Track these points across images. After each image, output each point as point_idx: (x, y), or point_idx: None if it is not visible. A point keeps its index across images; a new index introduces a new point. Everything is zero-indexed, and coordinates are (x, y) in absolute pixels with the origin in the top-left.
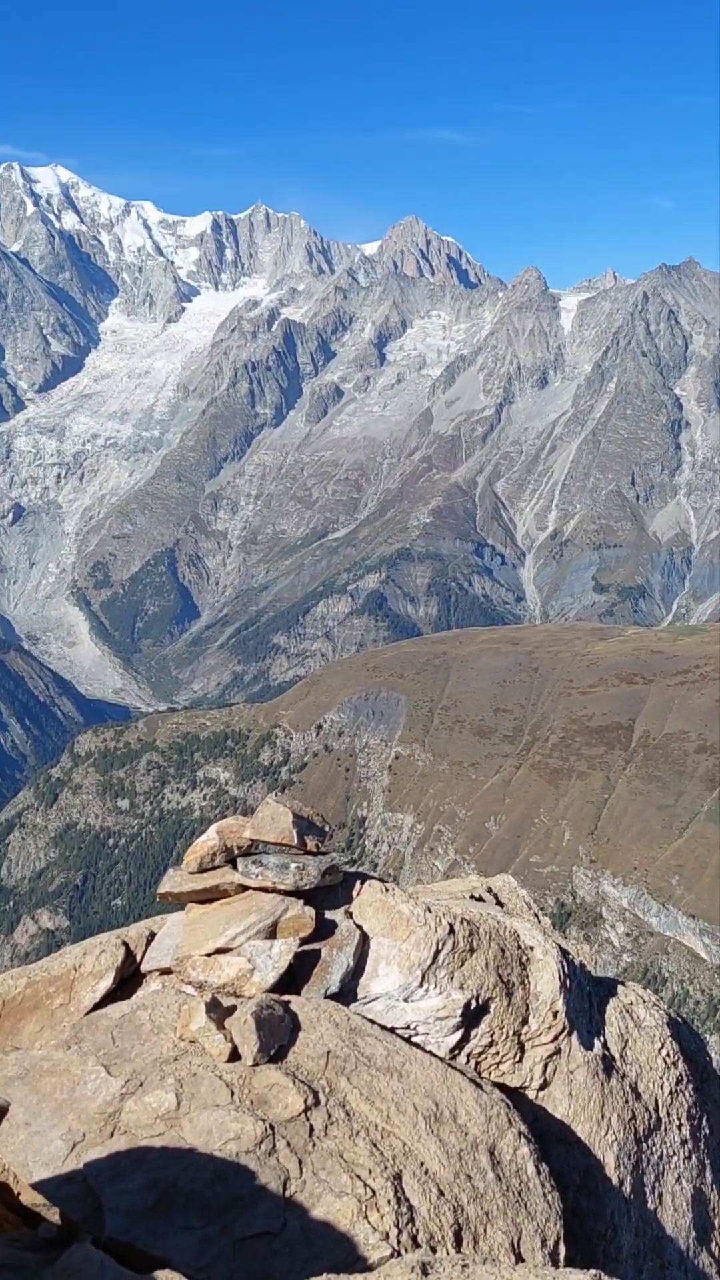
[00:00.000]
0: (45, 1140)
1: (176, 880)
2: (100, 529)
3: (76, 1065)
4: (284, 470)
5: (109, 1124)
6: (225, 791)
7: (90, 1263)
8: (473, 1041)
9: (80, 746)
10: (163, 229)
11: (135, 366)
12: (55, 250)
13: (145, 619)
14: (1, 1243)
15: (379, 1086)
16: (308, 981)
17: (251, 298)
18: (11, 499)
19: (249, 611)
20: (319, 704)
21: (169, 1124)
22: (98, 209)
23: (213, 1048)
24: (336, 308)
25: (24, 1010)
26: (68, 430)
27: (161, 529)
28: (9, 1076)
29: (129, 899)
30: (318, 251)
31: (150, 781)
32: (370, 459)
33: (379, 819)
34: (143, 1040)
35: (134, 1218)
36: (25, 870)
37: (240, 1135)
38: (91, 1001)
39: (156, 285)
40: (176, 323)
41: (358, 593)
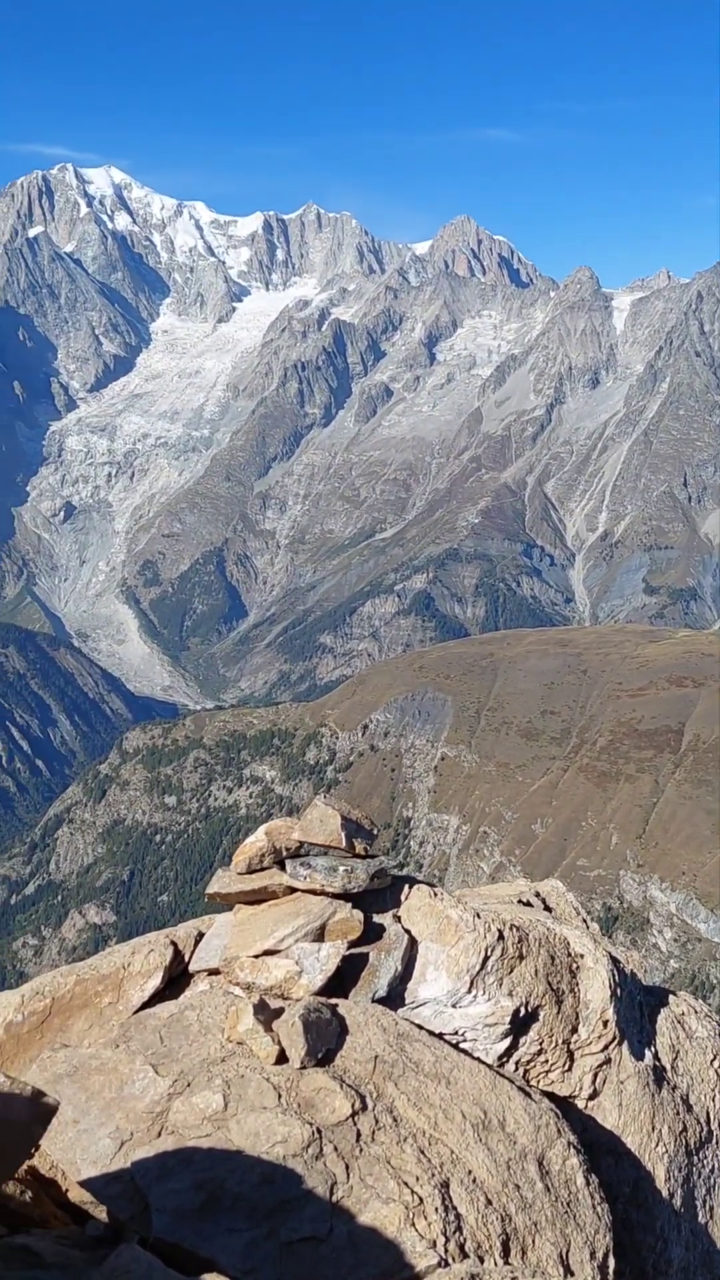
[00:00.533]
0: (93, 1138)
1: (225, 881)
2: (150, 528)
3: (125, 1064)
4: (332, 470)
5: (156, 1123)
6: (271, 790)
7: (138, 1263)
8: (521, 1049)
9: (129, 743)
10: (214, 229)
11: (186, 366)
12: (108, 251)
13: (193, 617)
14: (49, 1240)
15: (426, 1092)
16: (355, 985)
17: (302, 297)
18: (63, 497)
19: (296, 611)
20: (365, 704)
21: (216, 1125)
22: (150, 209)
23: (260, 1050)
24: (387, 307)
25: (73, 1008)
26: (119, 429)
27: (210, 528)
28: (58, 1074)
29: (175, 895)
30: (369, 251)
31: (197, 779)
32: (419, 459)
33: (424, 820)
34: (190, 1041)
35: (181, 1218)
36: (73, 865)
37: (287, 1138)
38: (140, 1001)
39: (208, 285)
40: (227, 323)
41: (405, 593)
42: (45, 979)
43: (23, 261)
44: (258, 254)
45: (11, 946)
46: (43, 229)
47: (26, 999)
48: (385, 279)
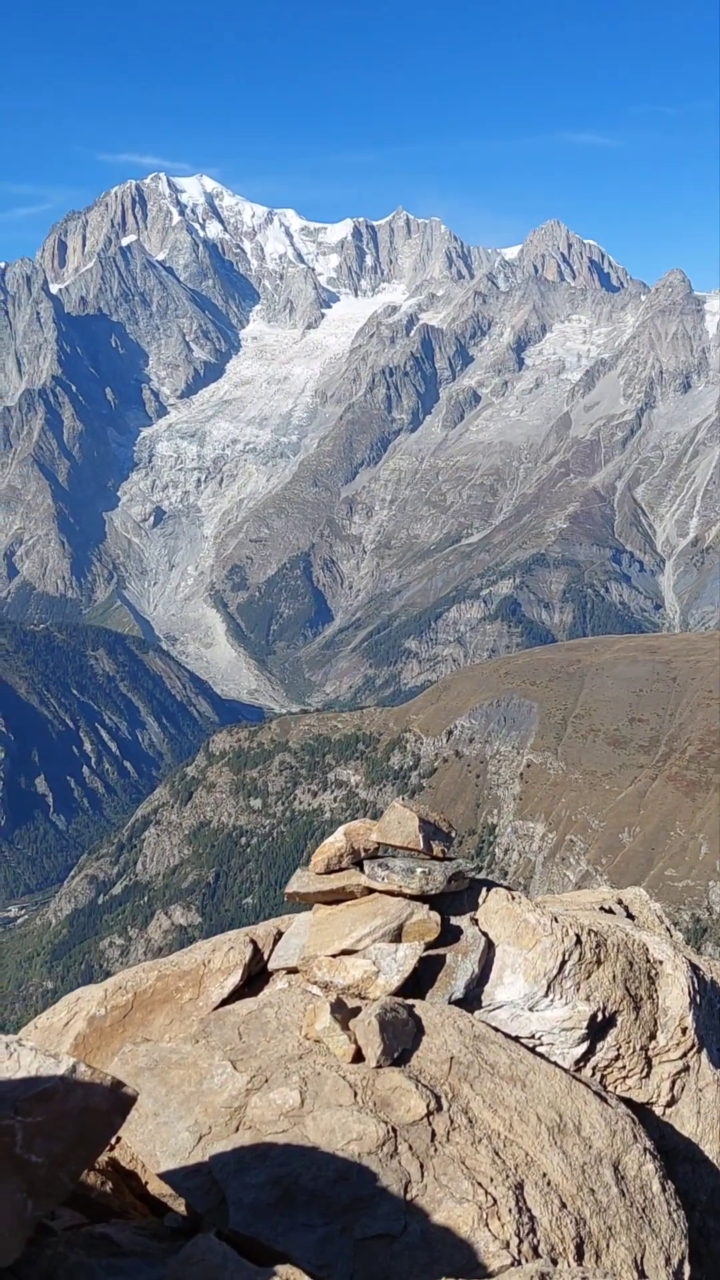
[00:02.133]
0: (172, 1131)
1: (304, 881)
2: (238, 533)
3: (204, 1059)
4: (419, 475)
5: (234, 1118)
6: (355, 794)
7: (213, 1253)
8: (598, 1054)
9: (215, 746)
10: (304, 236)
11: (274, 372)
12: (199, 259)
13: (280, 621)
14: (129, 1230)
15: (502, 1095)
16: (432, 986)
17: (390, 303)
18: (153, 502)
19: (381, 615)
20: (450, 709)
21: (292, 1121)
22: (241, 217)
23: (337, 1048)
24: (475, 313)
25: (155, 1003)
26: (208, 435)
27: (297, 533)
28: (139, 1067)
29: (259, 897)
30: (457, 256)
31: (282, 782)
32: (506, 464)
33: (509, 827)
34: (268, 1037)
35: (257, 1212)
36: (160, 866)
37: (362, 1136)
38: (219, 997)
39: (297, 292)
40: (316, 329)
41: (491, 598)
42: (128, 974)
43: (116, 270)
44: (347, 260)
45: (99, 946)
46: (136, 238)
47: (110, 993)
48: (474, 284)
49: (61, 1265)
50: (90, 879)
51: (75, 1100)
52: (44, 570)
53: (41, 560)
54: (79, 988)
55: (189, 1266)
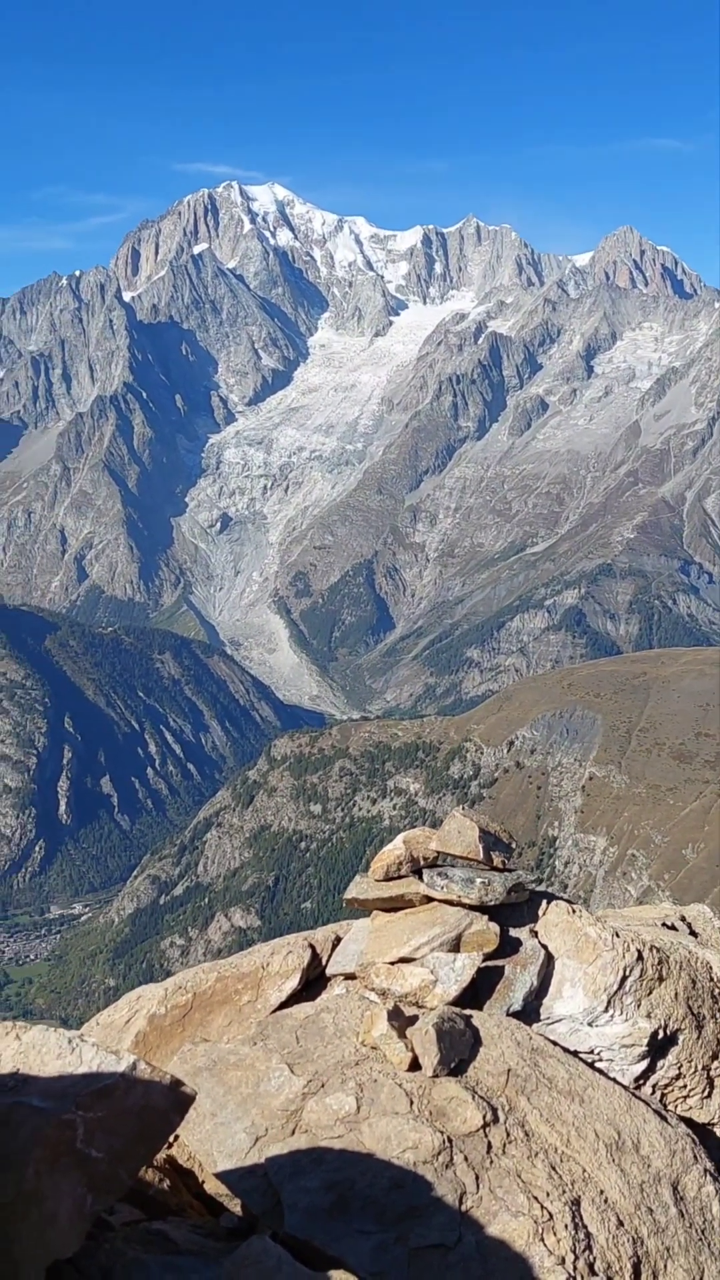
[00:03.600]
0: (230, 1132)
1: (363, 887)
2: (302, 539)
3: (261, 1061)
4: (484, 483)
5: (290, 1122)
6: (415, 802)
7: (268, 1255)
8: (659, 1072)
9: (276, 750)
10: (373, 244)
11: (341, 380)
12: (269, 266)
13: (342, 628)
14: (185, 1228)
15: (560, 1109)
16: (490, 997)
17: (459, 311)
18: (220, 509)
19: (443, 624)
20: (512, 720)
21: (348, 1127)
22: (311, 225)
23: (393, 1056)
24: (545, 320)
25: (213, 1004)
26: (275, 442)
27: (361, 540)
28: (198, 1066)
29: (318, 903)
30: (527, 264)
31: (342, 788)
32: (573, 472)
33: (570, 840)
34: (325, 1042)
35: (312, 1216)
36: (220, 869)
37: (418, 1145)
38: (277, 1000)
39: (365, 299)
40: (383, 336)
41: (555, 608)
42: (188, 974)
43: (187, 278)
44: (416, 268)
45: (160, 945)
46: (207, 246)
47: (170, 993)
48: (544, 291)
49: (119, 1260)
50: (152, 879)
51: (135, 1097)
52: (113, 574)
53: (111, 564)
54: (140, 986)
55: (243, 1268)
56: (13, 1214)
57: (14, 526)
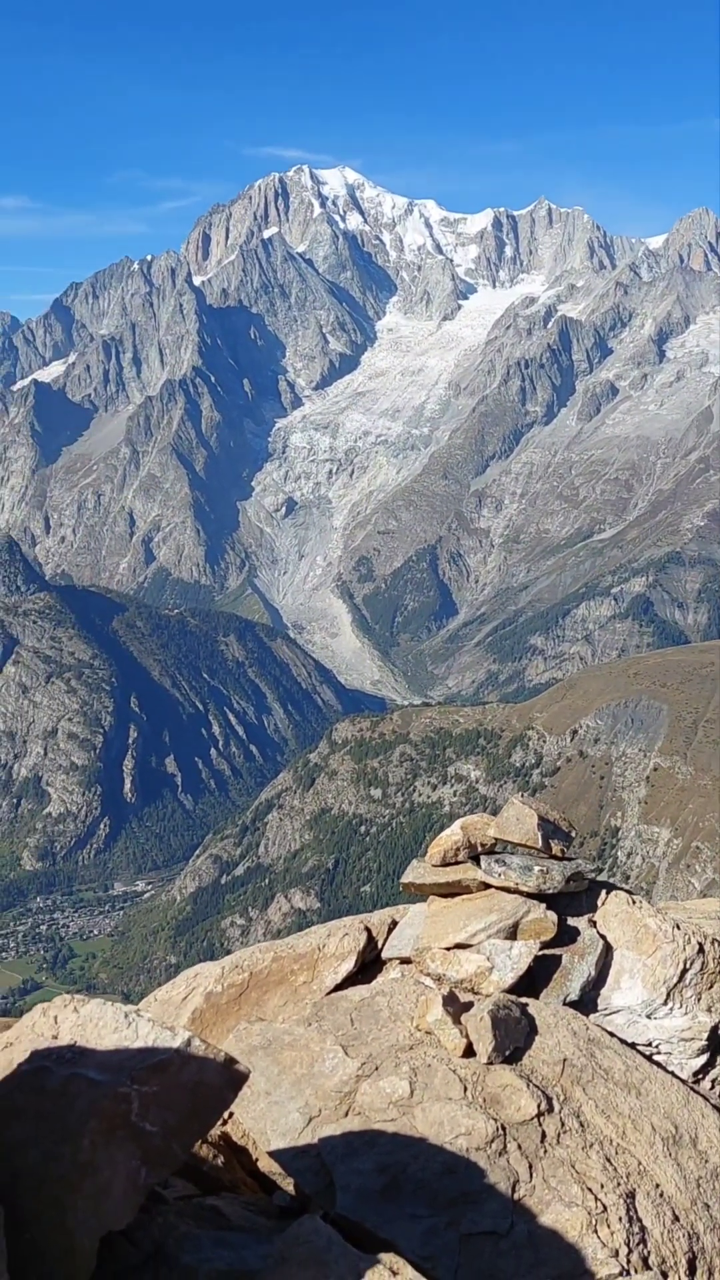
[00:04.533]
0: (283, 1111)
1: (420, 872)
2: (366, 524)
3: (316, 1042)
4: (551, 469)
5: (344, 1103)
6: (475, 789)
7: (319, 1235)
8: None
9: (338, 734)
10: (444, 227)
11: (409, 364)
12: (338, 250)
13: (404, 614)
14: (238, 1205)
15: (616, 1101)
16: (546, 986)
17: (529, 294)
18: (285, 493)
19: (507, 611)
20: (575, 708)
21: (401, 1111)
22: (381, 209)
23: (448, 1041)
24: (616, 304)
25: (270, 984)
26: (341, 427)
27: (425, 526)
28: (253, 1045)
29: (377, 886)
30: (599, 246)
31: (402, 773)
32: (643, 459)
33: (633, 830)
34: (380, 1026)
35: (364, 1198)
36: (281, 850)
37: (471, 1131)
38: (333, 982)
39: (434, 283)
40: (452, 320)
41: (622, 596)
42: (244, 954)
43: (257, 262)
44: (486, 251)
45: (220, 924)
46: (277, 230)
47: (226, 971)
48: (615, 274)
49: (171, 1234)
50: (214, 859)
51: (189, 1073)
52: (180, 557)
53: (178, 547)
54: (198, 964)
55: (294, 1247)
56: (68, 1184)
57: (84, 509)
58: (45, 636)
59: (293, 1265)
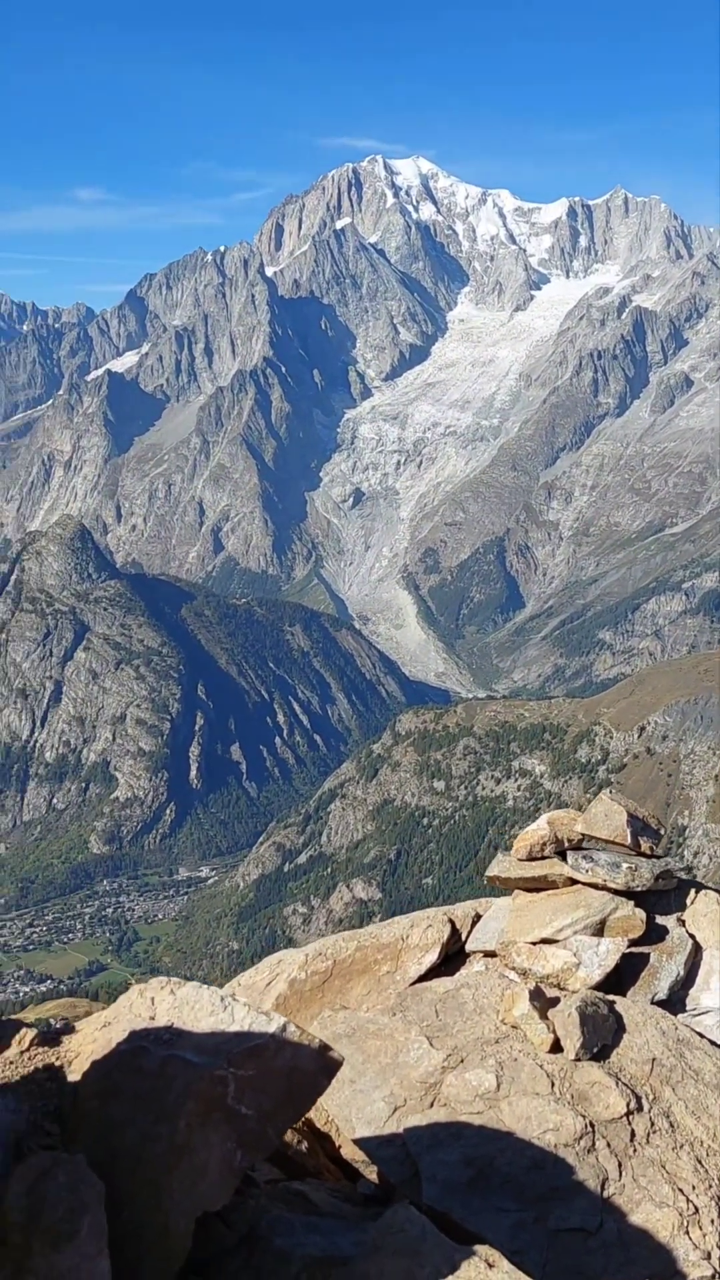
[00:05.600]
0: (368, 1100)
1: (505, 865)
2: (433, 516)
3: (400, 1033)
4: (623, 461)
5: (429, 1094)
6: (540, 784)
7: (412, 1224)
8: None
9: (401, 726)
10: (517, 217)
11: (479, 355)
12: (410, 241)
13: (470, 606)
14: (324, 1191)
15: (706, 1103)
16: (633, 984)
17: (603, 285)
18: (353, 484)
19: (575, 604)
20: (643, 704)
21: (488, 1104)
22: (454, 199)
23: (535, 1036)
24: (693, 294)
25: (353, 972)
26: (410, 418)
27: (493, 517)
28: (337, 1033)
29: (439, 879)
30: (676, 236)
31: (466, 766)
32: (717, 451)
33: (700, 829)
34: (465, 1018)
35: (450, 1190)
36: (343, 840)
37: (559, 1127)
38: (416, 973)
39: (507, 274)
40: (524, 311)
41: (694, 591)
42: (328, 941)
43: (329, 252)
44: (559, 241)
45: (283, 912)
46: (350, 220)
47: (310, 958)
48: (693, 264)
49: (264, 1216)
50: (277, 846)
51: (284, 1059)
52: (248, 547)
53: (246, 537)
54: (279, 951)
55: (388, 1235)
56: (165, 1165)
57: (154, 498)
58: (115, 624)
59: (387, 1254)
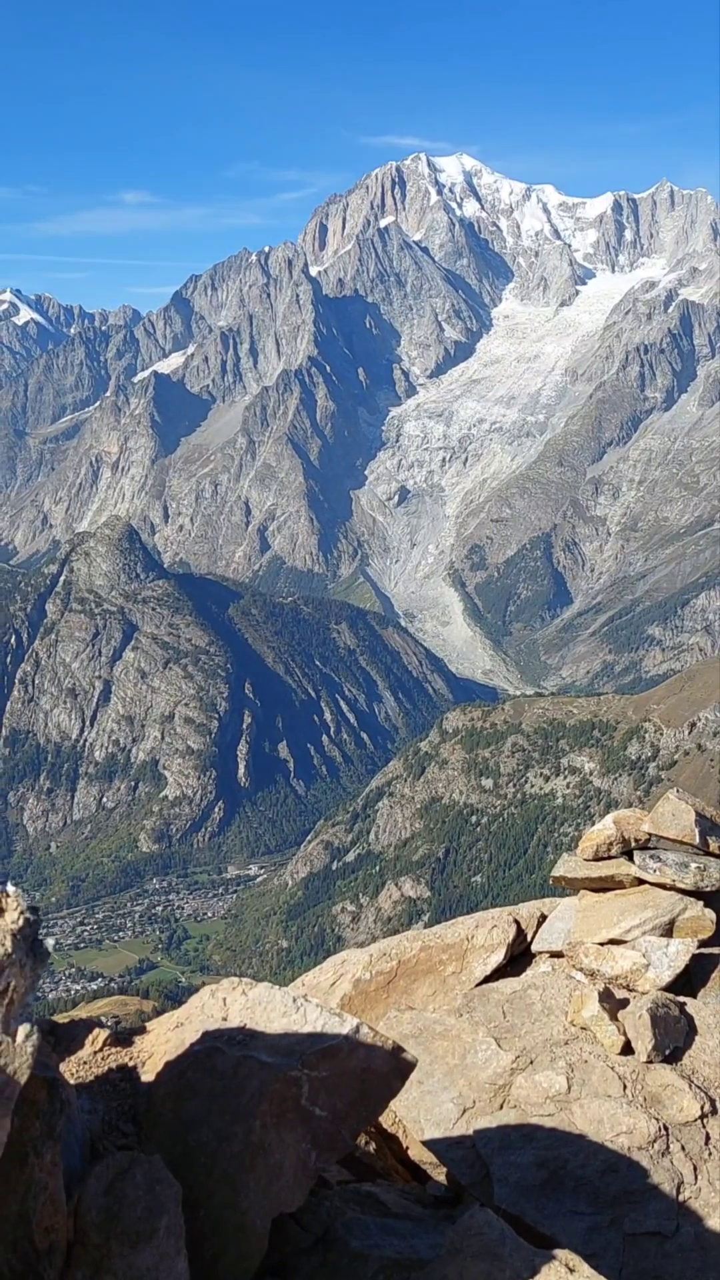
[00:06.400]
0: (437, 1101)
1: (571, 866)
2: (479, 512)
3: (468, 1033)
4: (671, 456)
5: (498, 1096)
6: (589, 782)
7: (491, 1228)
8: None
9: (449, 723)
10: (562, 212)
11: (525, 351)
12: (455, 238)
13: (517, 603)
14: (394, 1192)
15: None
16: (704, 986)
17: (649, 279)
18: (398, 481)
19: (623, 600)
20: (694, 701)
21: (559, 1106)
22: (498, 195)
23: (605, 1038)
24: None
25: (418, 972)
26: (455, 415)
27: (539, 514)
28: (403, 1034)
29: (488, 877)
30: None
31: (514, 764)
32: None
33: None
34: (533, 1019)
35: (523, 1192)
36: (391, 838)
37: (632, 1130)
38: (482, 974)
39: (552, 269)
40: (569, 306)
41: None
42: (392, 942)
43: (373, 251)
44: (605, 236)
45: (331, 910)
46: (393, 219)
47: (375, 959)
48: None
49: (339, 1218)
50: (325, 844)
51: (358, 1060)
52: (294, 545)
53: (292, 536)
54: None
55: (466, 1238)
56: (241, 1164)
57: (201, 498)
58: (163, 623)
59: (466, 1257)
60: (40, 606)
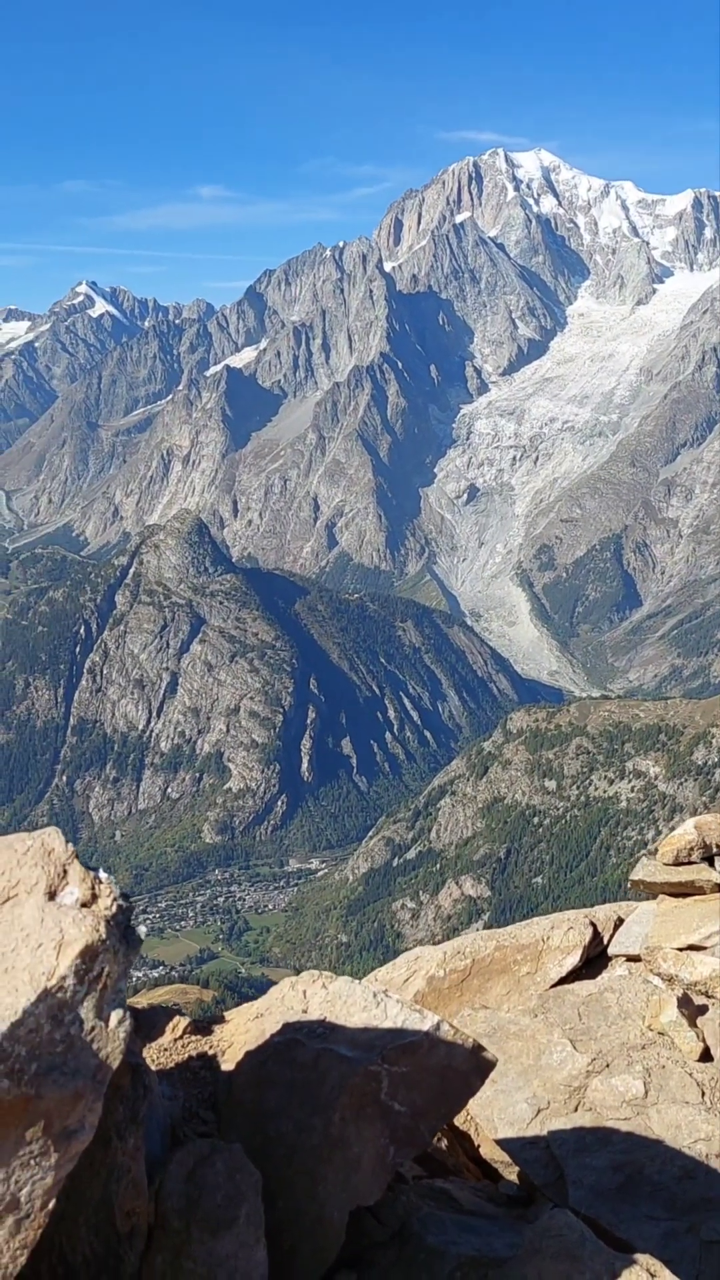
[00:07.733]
0: (510, 1100)
1: (650, 869)
2: (549, 512)
3: (542, 1034)
4: None
5: (574, 1098)
6: (654, 786)
7: (571, 1230)
8: None
9: (513, 724)
10: (640, 209)
11: (599, 350)
12: (531, 234)
13: (585, 604)
14: (467, 1190)
15: None
16: None
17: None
18: (468, 479)
19: (694, 604)
20: None
21: (635, 1110)
22: (576, 191)
23: (684, 1044)
24: None
25: (492, 972)
26: (526, 413)
27: (610, 514)
28: (477, 1033)
29: (550, 879)
30: None
31: (578, 766)
32: None
33: None
34: (609, 1023)
35: (598, 1195)
36: (453, 836)
37: (711, 1137)
38: (557, 975)
39: (629, 267)
40: (646, 305)
41: None
42: (466, 940)
43: (448, 247)
44: (684, 233)
45: (391, 907)
46: (469, 214)
47: (449, 956)
48: None
49: (415, 1214)
50: (387, 841)
51: (438, 1057)
52: (361, 542)
53: (359, 532)
54: (418, 947)
55: (546, 1238)
56: (320, 1156)
57: (271, 493)
58: (231, 617)
59: (545, 1258)
60: (110, 598)
